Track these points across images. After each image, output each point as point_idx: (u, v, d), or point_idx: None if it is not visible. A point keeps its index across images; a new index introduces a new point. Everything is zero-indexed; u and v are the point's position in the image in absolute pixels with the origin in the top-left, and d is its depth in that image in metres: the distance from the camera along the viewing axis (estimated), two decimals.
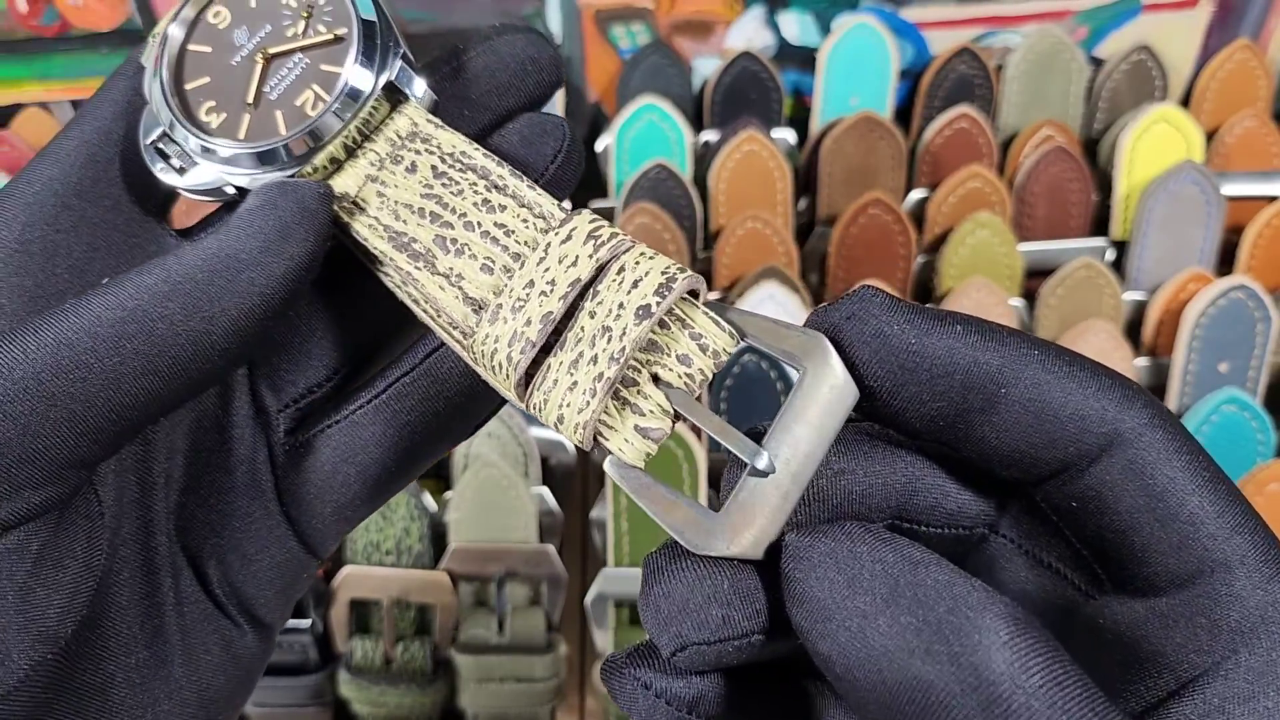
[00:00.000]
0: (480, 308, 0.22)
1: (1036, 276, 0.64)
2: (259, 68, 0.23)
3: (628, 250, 0.21)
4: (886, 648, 0.17)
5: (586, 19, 0.70)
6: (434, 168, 0.23)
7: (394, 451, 0.25)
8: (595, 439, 0.20)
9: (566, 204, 0.23)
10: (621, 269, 0.20)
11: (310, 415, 0.25)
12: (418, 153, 0.23)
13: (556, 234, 0.21)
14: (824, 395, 0.19)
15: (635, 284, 0.20)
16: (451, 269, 0.22)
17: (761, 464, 0.19)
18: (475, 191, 0.22)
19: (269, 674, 0.55)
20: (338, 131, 0.23)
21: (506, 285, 0.21)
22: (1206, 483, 0.19)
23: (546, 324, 0.21)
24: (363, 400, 0.25)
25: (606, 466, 0.20)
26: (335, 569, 0.55)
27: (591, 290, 0.21)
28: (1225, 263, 0.65)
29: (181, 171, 0.24)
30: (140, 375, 0.20)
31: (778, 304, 0.59)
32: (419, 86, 0.24)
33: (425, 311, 0.23)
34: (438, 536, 0.56)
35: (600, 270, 0.21)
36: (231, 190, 0.24)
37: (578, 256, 0.21)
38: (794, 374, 0.20)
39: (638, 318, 0.20)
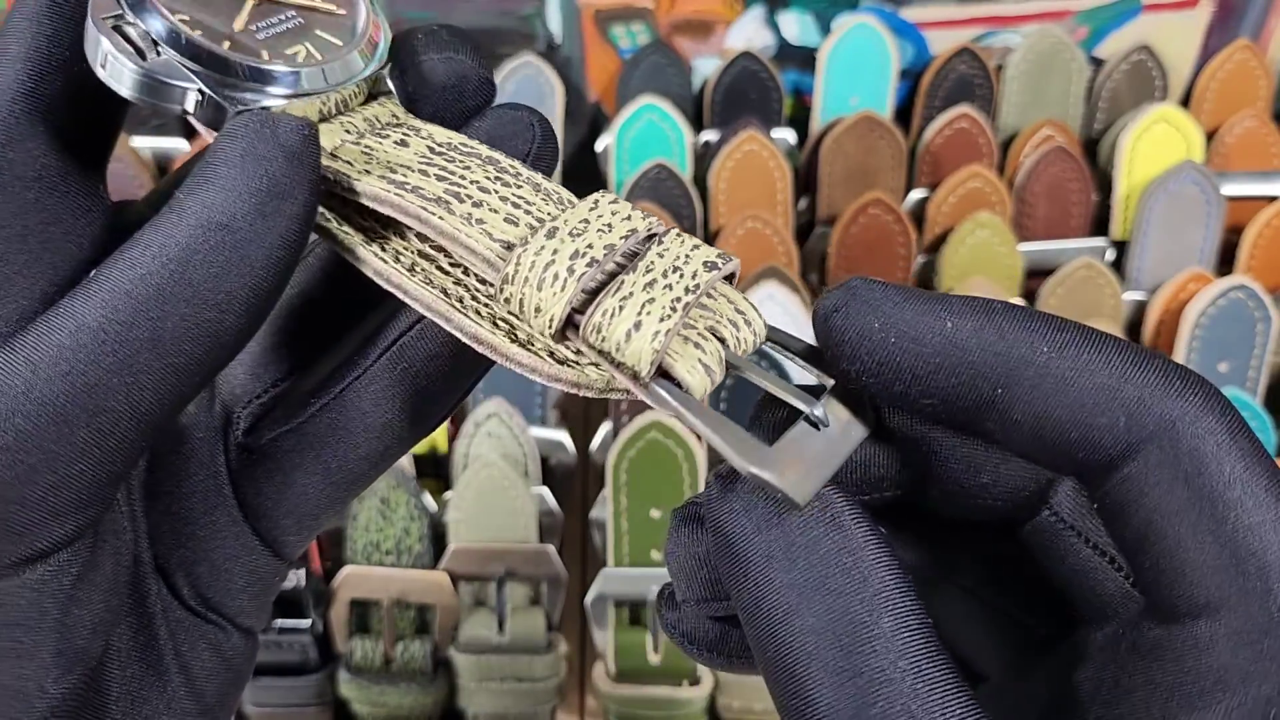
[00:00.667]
0: (510, 247, 0.20)
1: (1037, 276, 0.64)
2: (250, 5, 0.21)
3: (673, 228, 0.21)
4: (791, 628, 0.17)
5: (586, 19, 0.70)
6: (430, 148, 0.21)
7: (351, 458, 0.24)
8: (661, 363, 0.19)
9: None
10: (679, 234, 0.20)
11: (263, 419, 0.24)
12: (406, 134, 0.22)
13: (603, 195, 0.21)
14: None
15: (696, 246, 0.20)
16: (470, 214, 0.20)
17: (818, 413, 0.19)
18: (484, 172, 0.21)
19: (269, 674, 0.55)
20: (320, 90, 0.21)
21: (561, 215, 0.20)
22: (1268, 485, 0.16)
23: (611, 252, 0.19)
24: (314, 408, 0.23)
25: (658, 388, 0.19)
26: (335, 569, 0.55)
27: (656, 239, 0.20)
28: (1225, 263, 0.65)
29: (141, 55, 0.19)
30: (158, 383, 0.18)
31: (778, 304, 0.59)
32: (397, 89, 0.23)
33: (401, 273, 0.21)
34: (438, 536, 0.56)
35: (650, 236, 0.20)
36: (192, 98, 0.20)
37: (630, 214, 0.20)
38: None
39: (706, 268, 0.20)
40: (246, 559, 0.24)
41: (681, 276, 0.19)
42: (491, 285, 0.21)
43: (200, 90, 0.20)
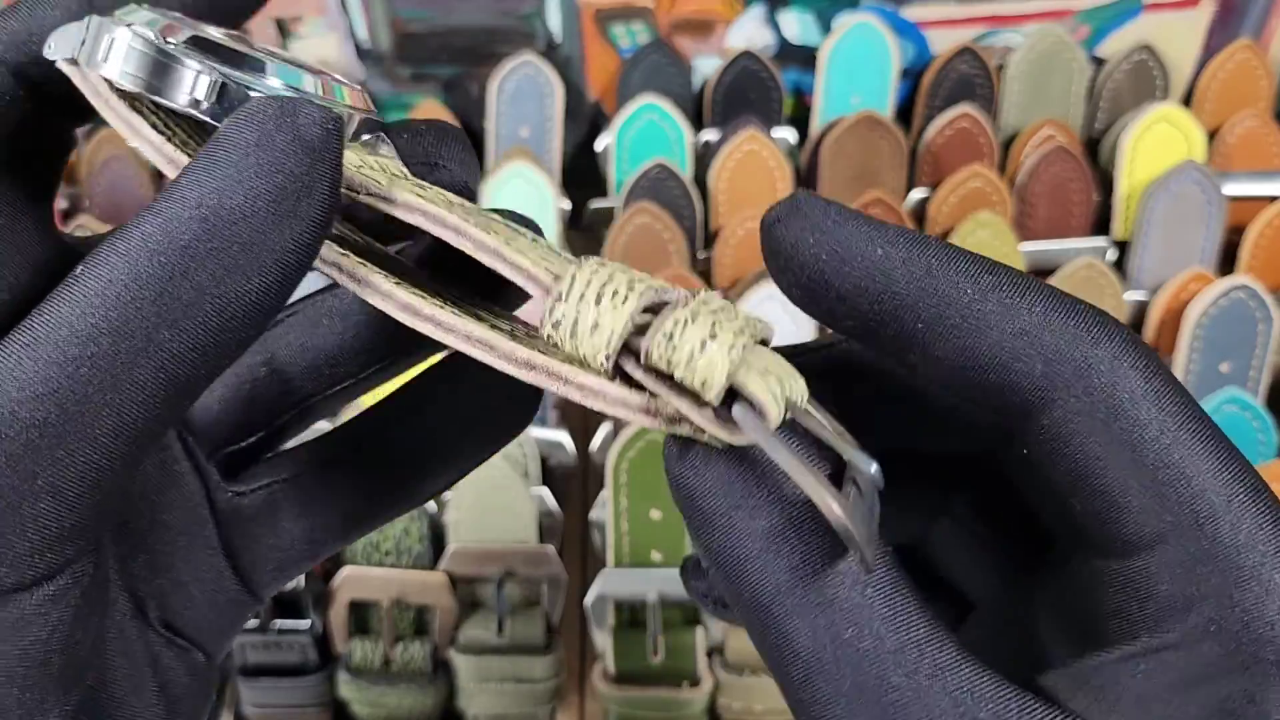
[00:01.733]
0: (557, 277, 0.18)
1: (1038, 276, 0.64)
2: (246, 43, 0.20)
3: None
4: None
5: (586, 18, 0.70)
6: (447, 198, 0.20)
7: (337, 515, 0.23)
8: (734, 382, 0.17)
9: None
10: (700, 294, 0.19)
11: (251, 465, 0.24)
12: (421, 184, 0.20)
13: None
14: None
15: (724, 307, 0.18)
16: (508, 240, 0.19)
17: (873, 470, 0.18)
18: (507, 226, 0.20)
19: (268, 675, 0.55)
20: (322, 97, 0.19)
21: (583, 259, 0.19)
22: (1185, 422, 0.17)
23: (655, 293, 0.18)
24: (303, 464, 0.23)
25: (736, 410, 0.17)
26: (334, 569, 0.55)
27: (697, 290, 0.19)
28: (1226, 263, 0.64)
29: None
30: (154, 401, 0.17)
31: (778, 304, 0.59)
32: (389, 150, 0.22)
33: (433, 303, 0.19)
34: (437, 537, 0.56)
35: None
36: (205, 82, 0.17)
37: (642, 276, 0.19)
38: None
39: (749, 319, 0.18)
40: (221, 597, 0.23)
41: (732, 317, 0.18)
42: (509, 320, 0.20)
43: (215, 74, 0.18)
